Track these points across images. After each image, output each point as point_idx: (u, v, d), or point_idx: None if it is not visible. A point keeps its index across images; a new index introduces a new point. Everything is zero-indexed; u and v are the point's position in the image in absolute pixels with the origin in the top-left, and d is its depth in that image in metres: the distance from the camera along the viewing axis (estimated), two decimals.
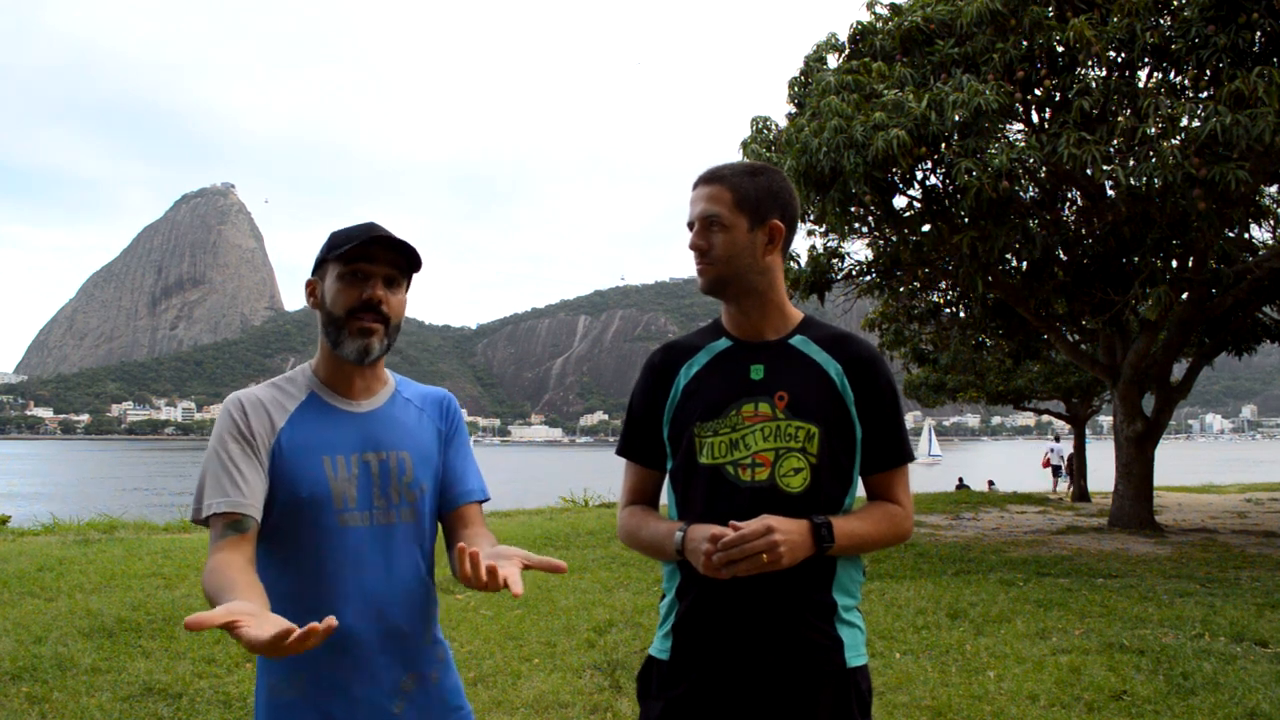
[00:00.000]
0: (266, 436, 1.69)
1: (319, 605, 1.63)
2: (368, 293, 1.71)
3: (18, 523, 13.75)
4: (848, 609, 1.79)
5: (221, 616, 1.29)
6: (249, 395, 1.74)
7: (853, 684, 1.76)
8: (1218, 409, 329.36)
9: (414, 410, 1.86)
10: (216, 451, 1.66)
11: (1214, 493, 22.93)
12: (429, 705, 1.75)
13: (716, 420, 1.79)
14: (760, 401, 1.78)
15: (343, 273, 1.71)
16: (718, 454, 1.78)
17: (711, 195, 1.80)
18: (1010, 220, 10.42)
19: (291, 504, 1.67)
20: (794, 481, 1.74)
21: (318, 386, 1.79)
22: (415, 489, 1.77)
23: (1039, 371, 21.29)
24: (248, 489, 1.63)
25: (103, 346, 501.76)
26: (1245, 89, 8.35)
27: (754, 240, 1.80)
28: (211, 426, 1.77)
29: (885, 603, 7.06)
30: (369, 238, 1.70)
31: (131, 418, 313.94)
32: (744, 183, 1.81)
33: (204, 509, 1.62)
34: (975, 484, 28.56)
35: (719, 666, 1.75)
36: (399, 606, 1.73)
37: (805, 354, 1.82)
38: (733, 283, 1.81)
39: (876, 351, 1.84)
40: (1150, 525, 12.80)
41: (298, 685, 1.67)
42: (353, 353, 1.72)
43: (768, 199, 1.81)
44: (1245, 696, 4.51)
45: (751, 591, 1.71)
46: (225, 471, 1.64)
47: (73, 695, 4.57)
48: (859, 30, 11.90)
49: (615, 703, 4.53)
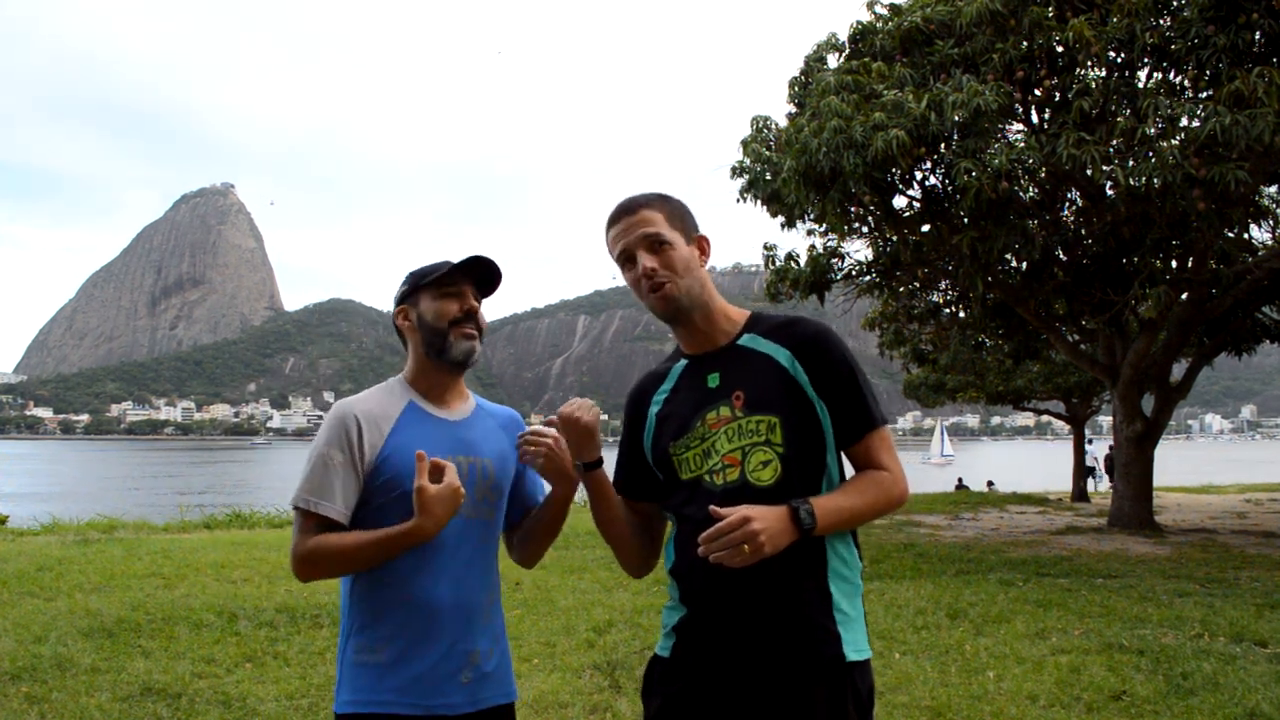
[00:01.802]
0: (374, 448, 1.93)
1: (409, 584, 1.90)
2: (466, 304, 2.01)
3: (17, 522, 13.76)
4: (846, 597, 1.78)
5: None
6: (363, 409, 1.97)
7: (849, 680, 1.74)
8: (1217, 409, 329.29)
9: (494, 425, 2.13)
10: (324, 455, 1.91)
11: (1213, 493, 22.94)
12: (488, 678, 1.98)
13: (686, 436, 1.86)
14: (720, 406, 1.82)
15: (438, 294, 2.01)
16: (694, 467, 1.84)
17: (643, 219, 1.85)
18: (1010, 220, 10.42)
19: (399, 498, 1.90)
20: (764, 475, 1.76)
21: (415, 397, 2.04)
22: (495, 492, 2.04)
23: (1039, 372, 21.29)
24: (343, 500, 1.90)
25: (102, 346, 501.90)
26: (1245, 89, 8.36)
27: (692, 254, 1.88)
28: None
29: (885, 603, 7.06)
30: (462, 263, 2.00)
31: (131, 418, 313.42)
32: (663, 205, 1.88)
33: (309, 504, 1.89)
34: (975, 484, 28.58)
35: (717, 663, 1.76)
36: (475, 590, 1.98)
37: (754, 349, 1.85)
38: (690, 297, 1.85)
39: (824, 328, 1.85)
40: (1150, 525, 12.80)
41: (382, 650, 1.89)
42: (461, 354, 2.01)
43: (688, 216, 1.91)
44: (1245, 697, 4.51)
45: (747, 586, 1.72)
46: (328, 479, 1.90)
47: (72, 695, 4.57)
48: (859, 30, 11.90)
49: (615, 703, 4.54)
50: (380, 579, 1.90)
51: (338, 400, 2.06)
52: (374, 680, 1.88)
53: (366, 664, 1.89)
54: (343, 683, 1.92)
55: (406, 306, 2.06)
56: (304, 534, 1.89)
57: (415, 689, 1.87)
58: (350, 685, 1.90)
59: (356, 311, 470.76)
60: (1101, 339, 13.96)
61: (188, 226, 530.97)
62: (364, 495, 1.92)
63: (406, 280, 2.07)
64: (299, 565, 1.90)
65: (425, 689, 1.88)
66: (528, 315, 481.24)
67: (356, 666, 1.90)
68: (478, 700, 1.94)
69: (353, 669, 1.91)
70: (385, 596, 1.90)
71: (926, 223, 11.81)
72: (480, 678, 1.95)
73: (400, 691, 1.87)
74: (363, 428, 1.93)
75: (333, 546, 1.86)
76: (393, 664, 1.88)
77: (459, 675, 1.91)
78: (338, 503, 1.89)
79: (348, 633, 1.94)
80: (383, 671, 1.88)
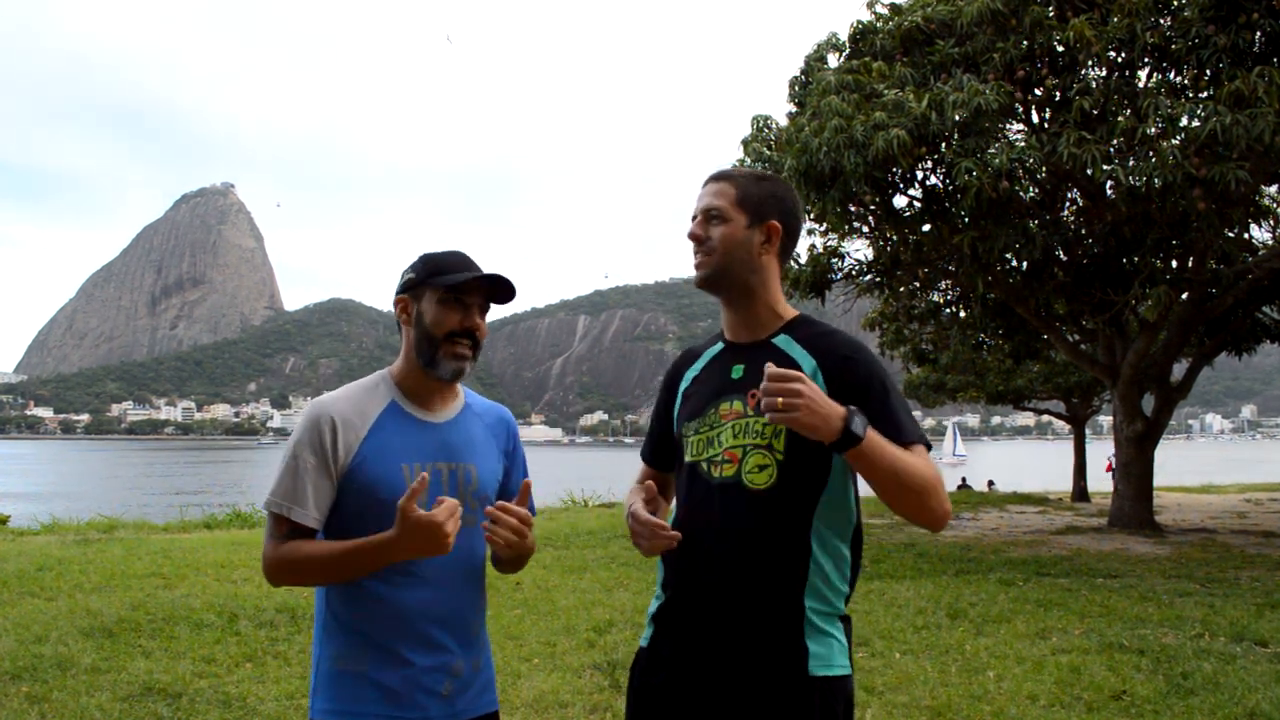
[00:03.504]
0: (349, 450, 1.85)
1: (390, 592, 1.83)
2: (468, 321, 1.89)
3: (17, 522, 13.75)
4: (821, 615, 1.74)
5: None
6: (339, 409, 1.88)
7: (817, 695, 1.69)
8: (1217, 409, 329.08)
9: (482, 426, 2.03)
10: (297, 458, 1.83)
11: (1214, 493, 22.94)
12: (469, 688, 1.92)
13: (699, 420, 1.87)
14: (735, 400, 1.83)
15: (444, 298, 1.88)
16: (696, 451, 1.85)
17: (717, 191, 1.87)
18: (1010, 220, 10.42)
19: (373, 504, 1.83)
20: (758, 478, 1.75)
21: (399, 396, 1.94)
22: (479, 498, 1.94)
23: (1039, 371, 21.29)
24: (315, 505, 1.83)
25: (102, 346, 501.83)
26: (1245, 89, 8.35)
27: (751, 237, 1.84)
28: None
29: (885, 603, 7.06)
30: (479, 276, 1.87)
31: (131, 417, 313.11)
32: (749, 184, 1.87)
33: (281, 509, 1.82)
34: (976, 484, 28.60)
35: (691, 659, 1.78)
36: (458, 599, 1.91)
37: (785, 352, 1.83)
38: (726, 276, 1.85)
39: (857, 345, 1.82)
40: (1150, 525, 12.79)
41: (361, 658, 1.84)
42: (447, 373, 1.90)
43: (769, 201, 1.87)
44: (1245, 696, 4.51)
45: (721, 587, 1.74)
46: (301, 482, 1.82)
47: (73, 695, 4.57)
48: (859, 30, 11.90)
49: (615, 703, 4.54)
50: (359, 585, 1.83)
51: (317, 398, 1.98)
52: (351, 689, 1.83)
53: (344, 672, 1.84)
54: (318, 690, 1.87)
55: (408, 298, 1.94)
56: (275, 540, 1.82)
57: (393, 699, 1.82)
58: (326, 694, 1.85)
59: (357, 311, 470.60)
60: (1102, 339, 13.95)
61: (188, 226, 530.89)
62: (339, 500, 1.85)
63: (417, 266, 1.93)
64: (270, 571, 1.84)
65: (403, 700, 1.82)
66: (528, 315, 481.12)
67: (333, 674, 1.85)
68: (457, 712, 1.88)
69: (329, 677, 1.86)
70: (363, 604, 1.84)
71: (927, 222, 11.80)
72: (461, 689, 1.89)
73: (377, 701, 1.82)
74: (338, 429, 1.85)
75: (305, 555, 1.79)
76: (370, 673, 1.83)
77: (439, 686, 1.86)
78: (310, 508, 1.81)
79: (323, 639, 1.89)
80: (359, 680, 1.83)
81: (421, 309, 1.91)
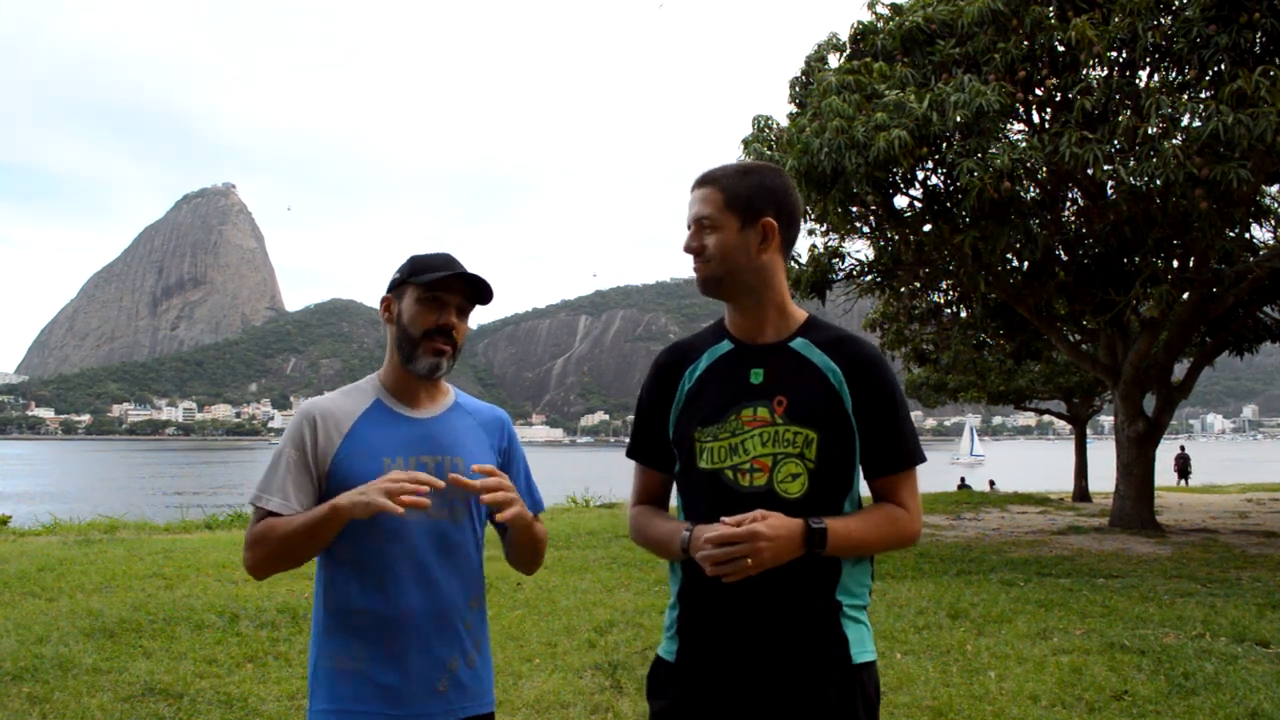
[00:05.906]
0: (331, 446, 1.91)
1: (381, 587, 1.87)
2: (444, 319, 1.94)
3: (18, 523, 13.75)
4: (853, 608, 1.78)
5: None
6: (324, 409, 1.95)
7: (858, 681, 1.74)
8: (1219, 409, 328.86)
9: (472, 423, 2.06)
10: (283, 453, 1.91)
11: (1215, 493, 22.93)
12: (466, 685, 1.93)
13: (716, 425, 1.79)
14: (759, 406, 1.77)
15: (422, 297, 1.93)
16: (717, 459, 1.78)
17: (703, 198, 1.83)
18: (1011, 220, 10.41)
19: None
20: (792, 488, 1.74)
21: (384, 395, 1.99)
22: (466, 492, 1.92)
23: (1040, 371, 21.29)
24: (288, 494, 1.88)
25: (103, 347, 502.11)
26: (1247, 88, 8.36)
27: (746, 239, 1.79)
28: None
29: (886, 603, 7.06)
30: (453, 274, 1.92)
31: (132, 418, 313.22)
32: (735, 183, 1.81)
33: (257, 499, 1.89)
34: (978, 484, 28.59)
35: (724, 668, 1.75)
36: (451, 596, 1.92)
37: (806, 357, 1.80)
38: (727, 282, 1.82)
39: (878, 353, 1.82)
40: (1151, 525, 12.79)
41: (357, 657, 1.87)
42: (424, 369, 1.94)
43: (760, 196, 1.80)
44: (1246, 697, 4.51)
45: (753, 593, 1.71)
46: (280, 475, 1.89)
47: (74, 695, 4.58)
48: (860, 30, 11.89)
49: (616, 703, 4.54)
50: (351, 583, 1.87)
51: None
52: (348, 688, 1.85)
53: (341, 671, 1.87)
54: (316, 689, 1.90)
55: (392, 297, 2.00)
56: (250, 526, 1.90)
57: (389, 697, 1.85)
58: (324, 693, 1.88)
59: (357, 312, 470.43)
60: (1103, 339, 13.95)
61: (189, 227, 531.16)
62: (324, 496, 1.88)
63: (404, 266, 1.99)
64: (246, 556, 1.89)
65: (399, 697, 1.85)
66: (529, 315, 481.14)
67: (330, 673, 1.88)
68: (453, 710, 1.90)
69: (326, 675, 1.88)
70: (357, 602, 1.87)
71: (928, 222, 11.79)
72: (457, 686, 1.91)
73: (375, 700, 1.84)
74: (319, 426, 1.91)
75: (268, 527, 1.84)
76: (365, 671, 1.85)
77: (435, 683, 1.88)
78: (276, 495, 1.87)
79: (319, 639, 1.92)
80: (355, 678, 1.86)
81: (402, 307, 1.96)
